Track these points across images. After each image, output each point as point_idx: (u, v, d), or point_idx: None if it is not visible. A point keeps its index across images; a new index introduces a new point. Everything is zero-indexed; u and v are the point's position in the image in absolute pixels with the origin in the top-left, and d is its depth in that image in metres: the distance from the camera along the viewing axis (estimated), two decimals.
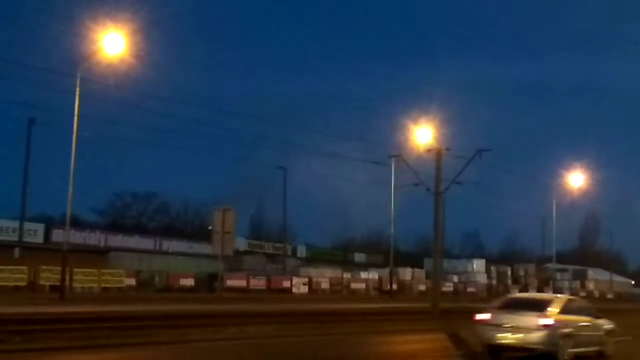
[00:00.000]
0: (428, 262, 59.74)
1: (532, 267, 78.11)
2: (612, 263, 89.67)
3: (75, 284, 37.75)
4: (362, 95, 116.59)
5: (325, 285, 54.29)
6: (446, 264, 62.56)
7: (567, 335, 15.70)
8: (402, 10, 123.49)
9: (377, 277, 59.41)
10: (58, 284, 32.94)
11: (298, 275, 54.21)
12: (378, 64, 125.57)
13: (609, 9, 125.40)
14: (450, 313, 31.42)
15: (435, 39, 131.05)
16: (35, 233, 46.63)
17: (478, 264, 71.44)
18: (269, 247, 65.37)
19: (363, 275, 60.55)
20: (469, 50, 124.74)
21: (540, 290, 73.43)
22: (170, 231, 64.37)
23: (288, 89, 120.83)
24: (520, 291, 71.04)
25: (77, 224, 49.24)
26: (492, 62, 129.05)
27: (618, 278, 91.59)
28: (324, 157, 53.01)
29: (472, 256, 77.96)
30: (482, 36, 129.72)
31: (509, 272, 74.49)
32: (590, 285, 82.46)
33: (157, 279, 44.62)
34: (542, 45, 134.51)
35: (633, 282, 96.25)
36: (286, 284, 51.14)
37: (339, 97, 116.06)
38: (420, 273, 64.16)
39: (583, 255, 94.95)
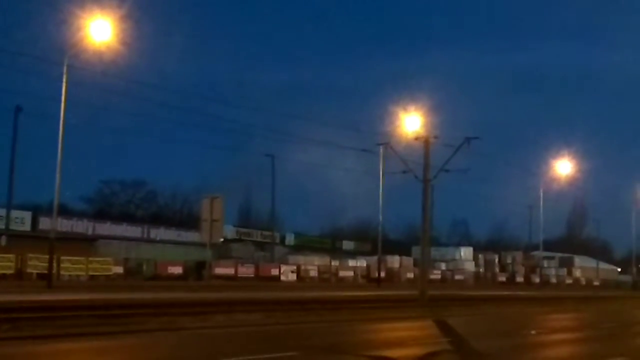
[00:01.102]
0: (416, 250, 59.89)
1: (519, 255, 78.51)
2: (599, 251, 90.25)
3: (62, 272, 37.69)
4: (351, 83, 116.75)
5: (313, 273, 54.40)
6: (434, 251, 62.87)
7: None
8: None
9: (365, 265, 59.58)
10: (45, 272, 32.86)
11: (286, 263, 54.30)
12: (367, 53, 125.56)
13: None
14: (438, 301, 31.57)
15: (426, 27, 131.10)
16: (22, 221, 46.45)
17: (466, 252, 71.75)
18: (257, 235, 65.35)
19: (351, 263, 60.73)
20: (458, 39, 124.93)
21: (527, 277, 73.98)
22: (158, 219, 64.27)
23: (277, 77, 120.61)
24: (508, 279, 71.56)
25: (65, 212, 49.06)
26: (482, 51, 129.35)
27: (604, 266, 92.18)
28: (313, 145, 52.92)
29: (459, 244, 78.33)
30: (472, 25, 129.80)
31: (497, 260, 74.88)
32: (577, 273, 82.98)
33: (145, 267, 44.60)
34: (531, 34, 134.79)
35: (619, 270, 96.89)
36: (274, 271, 51.20)
37: (327, 85, 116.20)
38: (408, 261, 64.37)
39: (570, 243, 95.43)
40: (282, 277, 50.83)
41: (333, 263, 58.84)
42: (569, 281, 79.01)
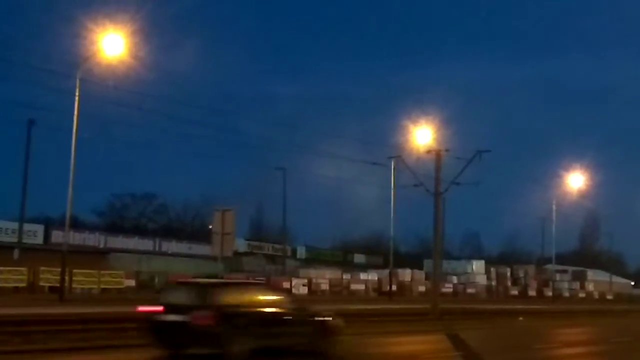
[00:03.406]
0: (428, 263, 59.67)
1: (531, 269, 78.04)
2: (612, 264, 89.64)
3: (74, 285, 37.73)
4: (362, 96, 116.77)
5: (324, 286, 54.27)
6: (446, 265, 62.51)
7: None
8: (403, 11, 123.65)
9: (376, 278, 59.39)
10: (57, 285, 32.92)
11: (298, 276, 54.17)
12: (378, 65, 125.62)
13: (610, 10, 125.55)
14: (450, 314, 31.44)
15: (436, 39, 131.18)
16: (34, 234, 46.59)
17: (477, 265, 71.39)
18: (268, 248, 65.34)
19: (363, 276, 60.52)
20: (469, 51, 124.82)
21: (539, 291, 73.55)
22: (169, 232, 64.37)
23: (288, 90, 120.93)
24: (520, 293, 71.12)
25: (77, 225, 49.23)
26: (493, 63, 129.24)
27: (618, 279, 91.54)
28: (324, 158, 52.99)
29: (471, 257, 77.90)
30: (482, 37, 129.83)
31: (509, 274, 74.41)
32: (590, 287, 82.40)
33: (156, 280, 44.56)
34: (543, 47, 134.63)
35: (633, 283, 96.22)
36: (286, 284, 51.07)
37: (338, 98, 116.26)
38: (419, 274, 64.12)
39: (583, 256, 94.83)
40: (294, 290, 50.70)
41: (344, 276, 58.68)
42: (581, 295, 78.44)
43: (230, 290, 15.78)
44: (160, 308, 14.88)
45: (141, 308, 15.59)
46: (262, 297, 16.02)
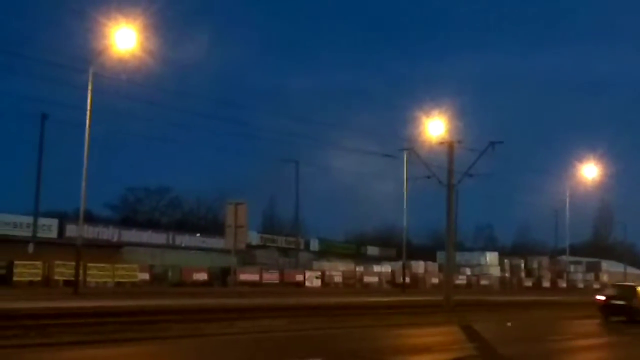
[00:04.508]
0: (441, 255, 59.61)
1: (545, 260, 77.83)
2: (626, 255, 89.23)
3: (89, 279, 37.98)
4: (374, 88, 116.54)
5: (338, 278, 54.34)
6: (459, 257, 62.49)
7: None
8: (416, 3, 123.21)
9: (390, 270, 59.43)
10: (72, 278, 33.12)
11: (311, 269, 54.30)
12: (390, 57, 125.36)
13: (623, 0, 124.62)
14: (464, 306, 31.38)
15: (449, 31, 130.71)
16: (49, 228, 46.82)
17: (491, 257, 71.25)
18: (281, 241, 65.41)
19: (376, 268, 60.60)
20: (482, 42, 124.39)
21: (553, 282, 73.30)
22: (182, 226, 64.51)
23: (300, 82, 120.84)
24: (534, 284, 70.88)
25: (91, 219, 49.43)
26: (505, 54, 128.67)
27: (632, 270, 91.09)
28: (336, 151, 52.96)
29: (485, 249, 77.77)
30: (495, 29, 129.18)
31: (522, 265, 74.28)
32: (604, 277, 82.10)
33: (170, 274, 44.78)
34: (555, 38, 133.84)
35: None
36: (299, 277, 51.21)
37: (351, 90, 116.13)
38: (433, 266, 64.10)
39: (597, 247, 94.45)
40: (307, 283, 50.81)
41: (357, 269, 58.76)
42: (596, 286, 78.13)
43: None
44: (603, 298, 28.28)
45: (597, 297, 28.92)
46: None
